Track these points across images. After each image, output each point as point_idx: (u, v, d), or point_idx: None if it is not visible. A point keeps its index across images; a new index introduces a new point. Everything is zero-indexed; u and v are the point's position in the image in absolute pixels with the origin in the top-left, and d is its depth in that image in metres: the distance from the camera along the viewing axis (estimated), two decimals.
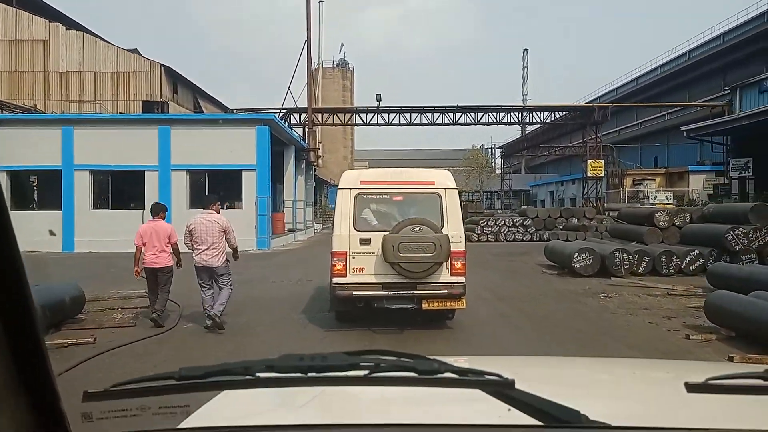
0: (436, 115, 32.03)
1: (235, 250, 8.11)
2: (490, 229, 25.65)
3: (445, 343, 7.07)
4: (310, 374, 0.95)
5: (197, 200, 21.28)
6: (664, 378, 1.67)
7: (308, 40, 29.55)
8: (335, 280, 7.12)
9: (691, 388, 0.94)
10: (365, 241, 7.10)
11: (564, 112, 32.53)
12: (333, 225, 7.55)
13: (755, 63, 40.02)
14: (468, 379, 0.99)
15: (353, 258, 7.11)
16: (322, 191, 65.12)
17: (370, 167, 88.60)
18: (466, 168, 68.22)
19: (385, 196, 7.47)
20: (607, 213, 28.50)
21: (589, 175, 33.79)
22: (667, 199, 44.01)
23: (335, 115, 32.38)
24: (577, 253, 12.64)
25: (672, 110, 54.10)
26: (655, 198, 43.26)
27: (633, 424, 1.04)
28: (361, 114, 32.53)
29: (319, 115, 32.41)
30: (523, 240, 25.46)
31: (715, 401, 0.99)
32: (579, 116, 32.06)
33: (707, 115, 34.87)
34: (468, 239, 23.69)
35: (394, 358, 1.00)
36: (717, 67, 45.08)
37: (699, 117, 38.28)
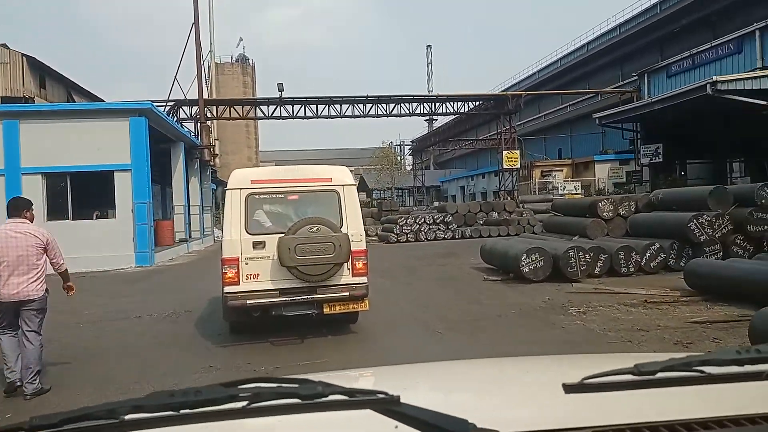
0: (345, 106, 29.35)
1: (63, 275, 5.66)
2: (409, 228, 23.35)
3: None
4: (182, 411, 0.87)
5: (58, 210, 17.30)
6: (550, 377, 1.56)
7: (196, 23, 25.88)
8: (227, 288, 6.50)
9: (569, 388, 0.95)
10: (259, 245, 6.55)
11: (478, 102, 30.97)
12: (222, 230, 6.95)
13: (651, 53, 40.78)
14: (354, 400, 0.95)
15: (246, 264, 6.53)
16: (224, 195, 60.68)
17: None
18: (377, 166, 66.30)
19: (279, 196, 6.92)
20: (522, 206, 27.27)
21: (505, 166, 32.53)
22: (576, 189, 44.08)
23: (231, 109, 28.77)
24: (525, 255, 10.41)
25: (575, 101, 54.90)
26: (564, 189, 43.23)
27: (521, 429, 1.01)
28: (262, 107, 29.22)
29: (214, 109, 28.71)
30: (444, 238, 23.41)
31: (594, 399, 0.97)
32: (492, 106, 30.68)
33: (614, 104, 34.73)
34: (386, 240, 20.83)
35: (274, 385, 0.94)
36: (614, 58, 45.79)
37: (604, 106, 38.36)
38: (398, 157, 67.13)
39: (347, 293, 6.61)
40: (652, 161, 29.84)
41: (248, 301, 6.45)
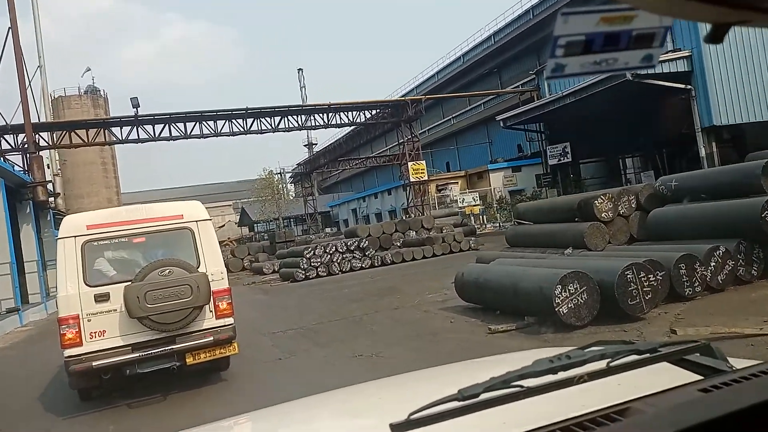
0: (221, 123, 24.25)
1: None
2: (319, 260, 18.81)
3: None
4: None
5: None
6: (368, 415, 1.56)
7: (13, 24, 19.68)
8: (67, 352, 5.72)
9: (396, 428, 0.91)
10: (102, 298, 5.86)
11: (376, 110, 27.36)
12: (56, 285, 5.93)
13: (528, 59, 40.09)
14: None
15: (89, 321, 5.80)
16: None
17: None
18: (260, 197, 60.68)
19: (123, 239, 6.21)
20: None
21: (411, 179, 29.14)
22: (474, 200, 42.08)
23: (73, 134, 22.37)
24: (559, 287, 6.47)
25: (457, 114, 53.64)
26: (463, 201, 41.04)
27: None
28: (114, 129, 23.19)
29: (49, 135, 22.25)
30: (362, 267, 19.17)
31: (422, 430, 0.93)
32: (390, 114, 27.26)
33: (509, 107, 32.91)
34: (292, 278, 15.62)
35: None
36: (491, 67, 44.91)
37: (496, 112, 36.73)
38: (281, 185, 62.09)
39: (211, 338, 6.07)
40: (561, 161, 28.01)
41: (94, 363, 5.69)
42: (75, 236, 5.93)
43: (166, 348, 5.90)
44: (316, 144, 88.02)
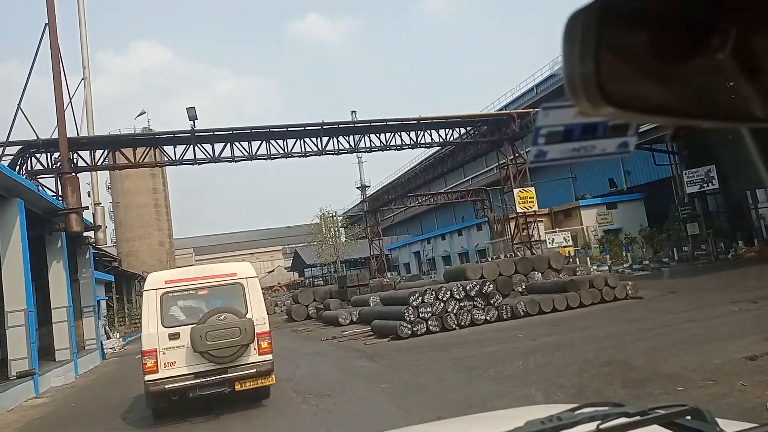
0: (291, 142, 19.95)
1: None
2: (429, 309, 13.78)
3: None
4: None
5: None
6: None
7: (51, 21, 16.13)
8: (147, 377, 7.29)
9: None
10: (174, 336, 7.38)
11: (470, 127, 22.59)
12: (141, 325, 7.69)
13: None
14: None
15: (163, 354, 7.32)
16: (131, 287, 48.37)
17: (195, 255, 72.20)
18: (315, 240, 56.55)
19: (191, 292, 7.89)
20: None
21: (518, 209, 24.04)
22: (566, 241, 36.48)
23: (117, 153, 18.33)
24: None
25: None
26: (552, 241, 35.56)
27: None
28: (167, 148, 19.15)
29: (88, 155, 18.34)
30: (487, 320, 14.03)
31: None
32: (488, 132, 22.54)
33: None
34: (393, 334, 13.29)
35: None
36: None
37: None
38: (336, 227, 57.82)
39: (255, 370, 7.49)
40: (702, 189, 22.43)
41: (167, 386, 7.22)
42: (156, 289, 7.64)
43: (220, 376, 7.39)
44: (369, 186, 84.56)
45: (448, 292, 14.02)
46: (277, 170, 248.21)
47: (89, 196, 20.25)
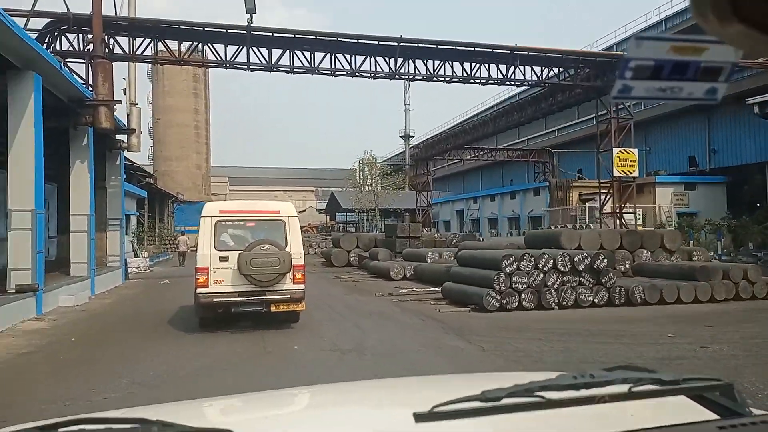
0: (360, 58, 16.69)
1: None
2: (525, 280, 10.89)
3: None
4: None
5: None
6: (392, 405, 1.62)
7: None
8: (199, 290, 8.36)
9: (419, 417, 0.95)
10: (224, 258, 8.41)
11: (577, 66, 18.90)
12: (197, 246, 8.76)
13: None
14: None
15: (214, 272, 8.38)
16: (164, 206, 46.68)
17: (230, 185, 70.48)
18: (351, 184, 53.89)
19: (240, 223, 8.93)
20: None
21: (616, 172, 20.71)
22: (636, 218, 32.89)
23: (160, 42, 15.44)
24: None
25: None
26: (622, 217, 32.02)
27: None
28: (216, 45, 16.21)
29: (128, 42, 15.51)
30: (595, 303, 11.09)
31: (442, 425, 0.97)
32: (590, 76, 18.83)
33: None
34: (477, 305, 11.13)
35: (102, 426, 0.97)
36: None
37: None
38: (378, 174, 54.72)
39: (289, 296, 8.56)
40: None
41: (214, 299, 8.35)
42: (212, 216, 8.64)
43: (259, 297, 8.47)
44: (413, 137, 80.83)
45: (551, 261, 11.02)
46: (325, 106, 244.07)
47: (125, 93, 17.54)
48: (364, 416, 1.57)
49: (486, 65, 17.81)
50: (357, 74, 16.82)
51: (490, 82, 17.81)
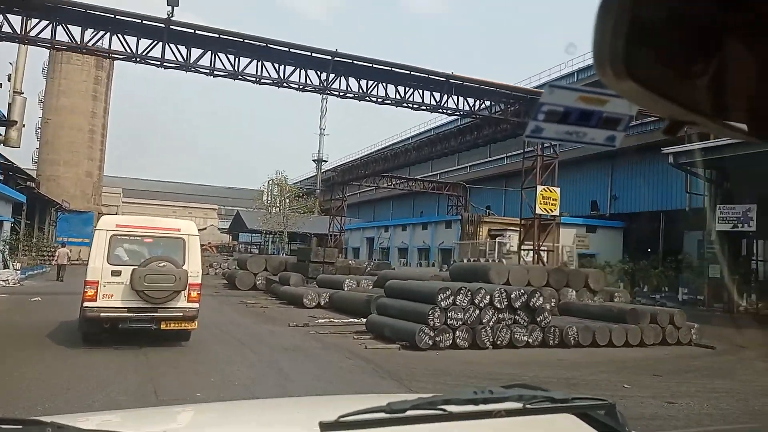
0: (289, 69, 15.33)
1: None
2: (461, 316, 9.93)
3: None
4: None
5: None
6: (302, 418, 1.63)
7: None
8: (86, 304, 8.09)
9: (325, 426, 0.96)
10: (116, 273, 8.22)
11: (508, 100, 18.65)
12: (89, 259, 8.52)
13: None
14: None
15: (104, 286, 8.15)
16: (46, 214, 41.95)
17: (123, 196, 65.46)
18: (259, 205, 51.75)
19: (138, 238, 8.68)
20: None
21: (538, 210, 20.58)
22: (529, 255, 33.75)
23: (55, 29, 13.17)
24: None
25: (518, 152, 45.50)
26: (528, 255, 32.67)
27: None
28: (128, 36, 14.05)
29: (22, 23, 13.02)
30: (529, 344, 10.35)
31: None
32: (520, 112, 18.67)
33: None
34: (407, 341, 10.03)
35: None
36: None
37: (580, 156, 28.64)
38: (287, 197, 52.91)
39: (182, 314, 8.35)
40: (736, 228, 19.76)
41: (102, 314, 8.07)
42: (107, 230, 8.48)
43: (150, 314, 8.23)
44: (326, 161, 79.77)
45: (488, 297, 10.19)
46: (234, 125, 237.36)
47: (9, 81, 15.12)
48: (273, 426, 1.63)
49: (420, 91, 17.17)
50: (285, 85, 15.49)
51: (422, 107, 17.18)
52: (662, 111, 0.61)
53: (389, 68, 16.61)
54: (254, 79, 15.26)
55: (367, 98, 16.49)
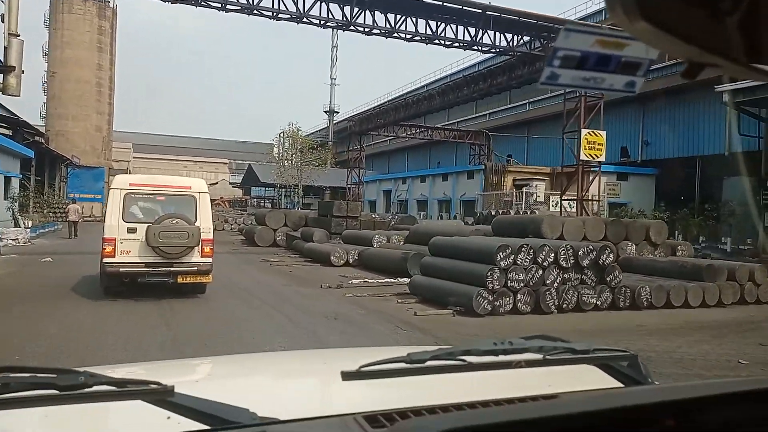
0: (308, 1, 13.78)
1: None
2: (522, 278, 8.74)
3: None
4: None
5: None
6: (329, 367, 1.61)
7: None
8: (105, 260, 8.46)
9: (346, 376, 0.99)
10: (132, 230, 8.50)
11: (550, 34, 16.97)
12: (104, 217, 9.09)
13: None
14: (121, 390, 0.91)
15: (121, 243, 8.44)
16: (55, 170, 41.00)
17: (133, 151, 64.11)
18: (281, 157, 50.31)
19: (150, 196, 8.94)
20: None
21: (583, 156, 19.13)
22: (569, 206, 32.22)
23: None
24: None
25: (535, 99, 43.25)
26: (555, 205, 31.23)
27: (299, 416, 1.06)
28: None
29: None
30: (598, 306, 9.17)
31: (368, 386, 1.05)
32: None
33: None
34: (461, 306, 9.03)
35: (27, 375, 0.87)
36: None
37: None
38: (302, 146, 51.40)
39: (196, 268, 8.73)
40: None
41: (121, 269, 8.45)
42: (121, 189, 8.69)
43: (166, 269, 8.58)
44: (338, 113, 77.63)
45: (552, 255, 8.93)
46: (245, 77, 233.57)
47: (2, 21, 13.68)
48: (295, 376, 1.67)
49: (453, 26, 15.43)
50: (305, 20, 13.86)
51: (455, 44, 15.50)
52: (681, 53, 0.56)
53: None
54: (271, 13, 13.66)
55: (396, 34, 14.84)
